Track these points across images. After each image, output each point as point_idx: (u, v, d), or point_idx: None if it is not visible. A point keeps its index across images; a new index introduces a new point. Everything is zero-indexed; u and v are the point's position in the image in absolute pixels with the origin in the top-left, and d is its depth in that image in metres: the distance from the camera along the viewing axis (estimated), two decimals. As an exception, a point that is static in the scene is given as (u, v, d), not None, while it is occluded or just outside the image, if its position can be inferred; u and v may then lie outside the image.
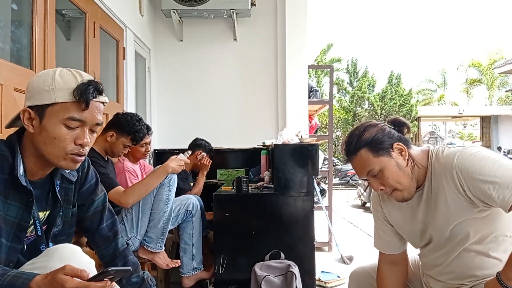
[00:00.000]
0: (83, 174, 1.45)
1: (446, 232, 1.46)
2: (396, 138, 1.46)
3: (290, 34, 4.75)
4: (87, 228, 1.50)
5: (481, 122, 18.59)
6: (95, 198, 1.49)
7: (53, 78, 1.19)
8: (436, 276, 1.58)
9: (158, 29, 4.88)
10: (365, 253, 4.59)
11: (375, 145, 1.44)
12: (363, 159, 1.45)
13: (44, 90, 1.18)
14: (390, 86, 20.51)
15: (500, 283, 1.29)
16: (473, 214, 1.39)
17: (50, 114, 1.18)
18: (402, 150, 1.45)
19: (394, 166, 1.44)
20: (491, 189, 1.29)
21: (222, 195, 2.99)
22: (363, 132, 1.47)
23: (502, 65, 14.74)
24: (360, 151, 1.45)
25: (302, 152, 2.93)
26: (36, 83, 1.21)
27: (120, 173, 2.79)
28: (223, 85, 4.90)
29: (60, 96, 1.18)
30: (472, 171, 1.33)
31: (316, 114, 6.31)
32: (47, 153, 1.21)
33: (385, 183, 1.46)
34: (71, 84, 1.19)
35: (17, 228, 1.22)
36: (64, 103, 1.18)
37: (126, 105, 3.81)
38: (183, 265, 2.80)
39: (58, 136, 1.19)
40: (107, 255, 1.51)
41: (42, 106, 1.19)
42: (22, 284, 0.99)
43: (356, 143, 1.46)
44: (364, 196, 8.93)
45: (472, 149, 1.39)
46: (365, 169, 1.47)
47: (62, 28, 3.40)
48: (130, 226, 2.47)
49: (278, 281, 2.71)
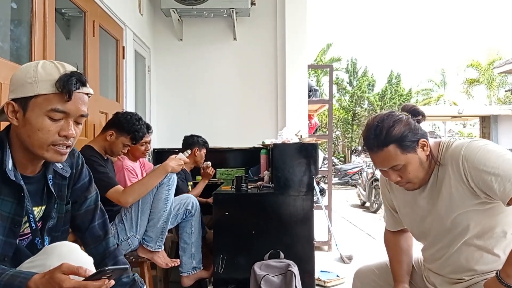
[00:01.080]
0: (77, 171, 1.44)
1: (447, 222, 1.48)
2: (421, 134, 1.47)
3: (289, 33, 4.75)
4: (78, 226, 1.48)
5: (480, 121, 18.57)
6: (88, 196, 1.49)
7: (36, 70, 1.18)
8: (436, 270, 1.60)
9: (158, 28, 4.88)
10: (365, 252, 4.60)
11: (404, 142, 1.44)
12: (390, 154, 1.45)
13: (26, 83, 1.17)
14: (389, 85, 20.55)
15: (500, 281, 1.30)
16: (474, 206, 1.41)
17: (33, 106, 1.18)
18: (425, 145, 1.47)
19: (417, 162, 1.46)
20: (493, 181, 1.32)
21: (221, 194, 2.98)
22: (392, 127, 1.45)
23: (502, 65, 14.73)
24: (388, 146, 1.44)
25: (301, 152, 2.93)
26: (19, 75, 1.20)
27: (119, 171, 2.78)
28: (223, 84, 4.90)
29: (43, 88, 1.17)
30: (477, 162, 1.36)
31: (315, 113, 6.30)
32: (32, 145, 1.20)
33: (404, 176, 1.48)
34: (54, 75, 1.18)
35: (12, 223, 1.22)
36: (47, 95, 1.17)
37: (126, 104, 3.81)
38: (183, 264, 2.80)
39: (41, 128, 1.18)
40: (96, 254, 1.47)
41: (25, 98, 1.18)
42: (20, 284, 0.99)
43: (385, 138, 1.44)
44: (364, 196, 8.93)
45: (480, 141, 1.42)
46: (390, 164, 1.47)
47: (62, 27, 3.39)
48: (130, 225, 2.47)
49: (278, 280, 2.71)
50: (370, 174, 8.64)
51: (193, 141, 3.63)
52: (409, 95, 20.46)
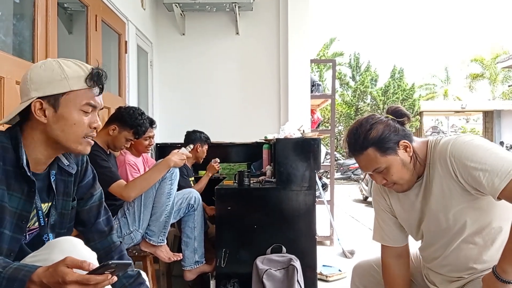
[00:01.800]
0: (83, 168, 1.47)
1: (442, 221, 1.47)
2: (401, 135, 1.46)
3: (292, 28, 4.74)
4: (83, 222, 1.50)
5: (483, 116, 18.54)
6: (94, 193, 1.51)
7: (61, 67, 1.22)
8: (436, 268, 1.59)
9: (160, 23, 4.87)
10: (367, 247, 4.59)
11: (382, 144, 1.44)
12: (370, 157, 1.46)
13: (55, 80, 1.21)
14: (392, 80, 20.45)
15: (496, 277, 1.30)
16: (468, 202, 1.41)
17: (66, 102, 1.23)
18: (407, 146, 1.46)
19: (400, 164, 1.45)
20: (481, 176, 1.31)
21: (224, 189, 2.99)
22: (370, 130, 1.45)
23: (505, 59, 14.69)
24: (367, 150, 1.45)
25: (304, 147, 2.93)
26: (43, 73, 1.22)
27: (121, 165, 2.79)
28: (225, 79, 4.90)
29: (74, 84, 1.23)
30: (464, 158, 1.35)
31: (318, 108, 6.30)
32: (66, 139, 1.25)
33: (388, 178, 1.48)
34: (80, 72, 1.24)
35: (19, 218, 1.23)
36: (78, 91, 1.23)
37: (128, 99, 3.81)
38: (185, 258, 2.81)
39: (77, 122, 1.25)
40: (101, 248, 1.50)
41: (55, 95, 1.22)
42: (24, 277, 1.00)
43: (363, 142, 1.45)
44: (366, 191, 8.93)
45: (466, 136, 1.41)
46: (372, 167, 1.48)
47: (64, 22, 3.39)
48: (132, 219, 2.48)
49: (280, 274, 2.72)
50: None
51: (195, 137, 3.63)
52: (412, 90, 20.35)
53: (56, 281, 0.98)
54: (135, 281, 1.49)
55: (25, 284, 0.99)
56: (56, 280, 0.98)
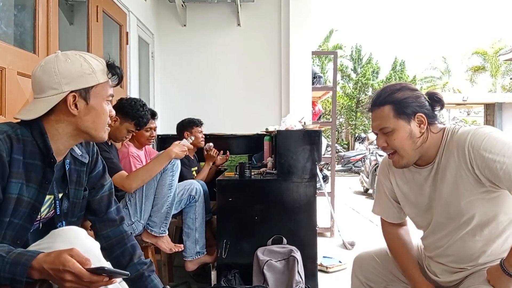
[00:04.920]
0: (93, 159, 1.50)
1: (451, 210, 1.47)
2: (423, 110, 1.47)
3: (294, 19, 4.72)
4: (95, 211, 1.53)
5: (485, 109, 18.46)
6: (105, 183, 1.54)
7: (87, 62, 1.28)
8: (438, 258, 1.59)
9: (162, 14, 4.85)
10: (367, 238, 4.62)
11: (400, 106, 1.46)
12: (384, 114, 1.49)
13: (86, 74, 1.27)
14: (394, 73, 20.41)
15: (503, 270, 1.31)
16: (480, 194, 1.40)
17: (95, 94, 1.30)
18: (422, 122, 1.47)
19: (407, 133, 1.47)
20: (498, 168, 1.31)
21: (225, 180, 3.00)
22: (397, 91, 1.49)
23: (507, 52, 14.61)
24: (385, 106, 1.48)
25: (305, 139, 2.93)
26: (71, 68, 1.26)
27: (124, 157, 2.79)
28: (227, 70, 4.89)
29: (101, 77, 1.30)
30: (483, 149, 1.35)
31: (319, 100, 6.29)
32: (95, 129, 1.33)
33: (389, 142, 1.50)
34: (100, 66, 1.31)
35: (32, 208, 1.26)
36: (103, 83, 1.31)
37: (130, 90, 3.81)
38: (186, 249, 2.82)
39: (105, 112, 1.34)
40: (113, 236, 1.55)
41: (86, 88, 1.28)
42: (26, 261, 1.02)
43: (386, 97, 1.49)
44: (367, 183, 8.93)
45: (486, 129, 1.41)
46: (381, 125, 1.50)
47: (65, 12, 3.38)
48: (134, 210, 2.49)
49: (280, 265, 2.73)
50: (373, 161, 8.63)
51: (184, 124, 3.59)
52: (413, 82, 20.31)
53: (57, 268, 1.00)
54: (148, 268, 1.57)
55: (27, 269, 1.01)
56: (57, 267, 1.00)
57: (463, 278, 1.52)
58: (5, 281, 1.02)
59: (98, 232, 1.55)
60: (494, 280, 1.34)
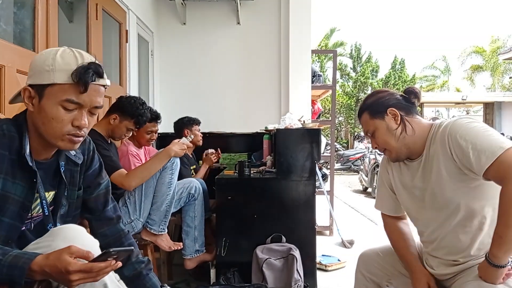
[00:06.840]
0: (89, 158, 1.46)
1: (439, 200, 1.54)
2: (393, 104, 1.62)
3: (293, 18, 4.71)
4: (91, 209, 1.50)
5: (484, 108, 18.48)
6: (101, 182, 1.51)
7: (54, 58, 1.18)
8: (433, 252, 1.65)
9: (161, 12, 4.84)
10: (366, 237, 4.63)
11: (372, 109, 1.64)
12: (364, 120, 1.68)
13: (44, 70, 1.17)
14: (393, 71, 20.41)
15: (489, 262, 1.35)
16: (462, 182, 1.47)
17: (48, 95, 1.17)
18: (396, 115, 1.60)
19: (384, 129, 1.62)
20: (470, 153, 1.39)
21: (224, 179, 3.00)
22: (369, 97, 1.70)
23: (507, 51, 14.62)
24: (363, 113, 1.68)
25: (304, 137, 2.93)
26: (38, 61, 1.20)
27: (123, 156, 2.79)
28: (226, 69, 4.88)
29: (59, 77, 1.17)
30: (459, 136, 1.43)
31: (319, 99, 6.29)
32: (46, 133, 1.21)
33: (377, 142, 1.66)
34: (71, 65, 1.17)
35: (21, 207, 1.23)
36: (62, 85, 1.17)
37: (129, 88, 3.80)
38: (185, 247, 2.83)
39: (55, 117, 1.18)
40: (111, 235, 1.53)
41: (41, 85, 1.18)
42: (24, 264, 1.00)
43: (361, 107, 1.70)
44: (366, 181, 8.94)
45: (466, 119, 1.50)
46: (365, 129, 1.70)
47: (65, 10, 3.37)
48: (133, 208, 2.49)
49: (279, 263, 2.74)
50: (372, 160, 8.64)
51: (183, 123, 3.61)
52: (413, 81, 20.32)
53: (59, 270, 0.99)
54: (146, 266, 1.55)
55: (25, 272, 1.00)
56: (58, 270, 0.99)
57: (457, 272, 1.56)
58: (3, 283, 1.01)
59: (95, 230, 1.52)
60: (484, 274, 1.39)
